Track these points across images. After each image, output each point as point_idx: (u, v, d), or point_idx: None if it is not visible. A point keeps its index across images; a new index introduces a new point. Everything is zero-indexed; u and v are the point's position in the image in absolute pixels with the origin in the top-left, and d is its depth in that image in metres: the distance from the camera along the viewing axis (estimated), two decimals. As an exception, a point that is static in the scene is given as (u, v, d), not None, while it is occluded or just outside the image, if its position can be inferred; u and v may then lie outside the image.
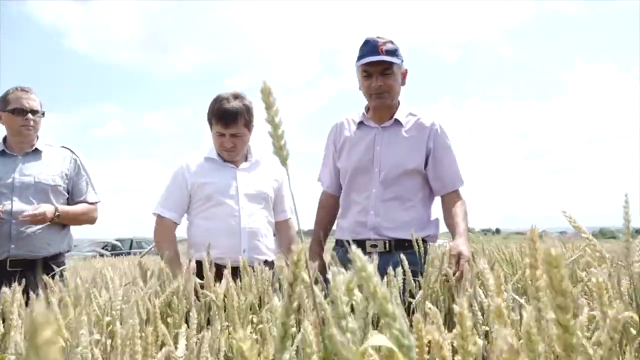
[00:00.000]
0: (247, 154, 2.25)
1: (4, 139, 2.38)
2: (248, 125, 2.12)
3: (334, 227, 2.22)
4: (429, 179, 2.02)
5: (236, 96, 2.09)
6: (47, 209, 2.21)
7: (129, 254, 15.87)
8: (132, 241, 20.58)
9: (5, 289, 1.27)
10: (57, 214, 2.25)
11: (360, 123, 2.09)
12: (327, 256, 2.19)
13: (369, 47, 1.95)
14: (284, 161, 0.46)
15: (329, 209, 2.21)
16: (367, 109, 2.11)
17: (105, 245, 18.35)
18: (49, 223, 2.26)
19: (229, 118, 2.05)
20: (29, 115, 2.30)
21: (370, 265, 0.37)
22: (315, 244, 2.17)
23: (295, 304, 0.42)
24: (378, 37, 1.96)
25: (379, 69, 1.94)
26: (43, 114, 2.39)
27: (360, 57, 1.97)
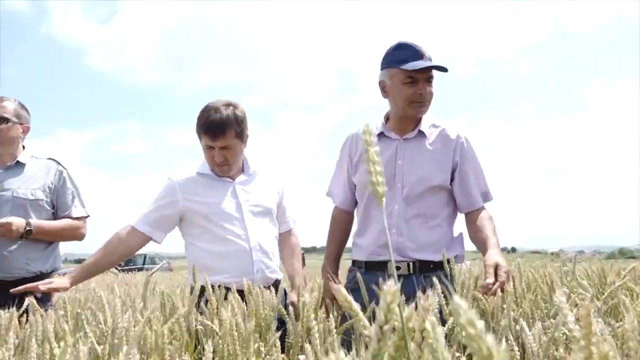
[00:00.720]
0: (244, 166, 2.07)
1: None
2: (240, 136, 1.91)
3: (349, 245, 2.09)
4: (454, 195, 1.88)
5: (227, 105, 1.91)
6: (16, 221, 2.04)
7: (141, 269, 15.86)
8: (145, 256, 20.63)
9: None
10: (28, 229, 2.08)
11: (381, 134, 1.93)
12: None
13: (412, 51, 1.80)
14: (380, 197, 0.48)
15: (342, 225, 2.08)
16: (386, 119, 1.97)
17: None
18: (27, 240, 2.11)
19: (217, 129, 1.85)
20: None
21: (480, 321, 0.27)
22: (330, 263, 2.04)
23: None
24: (413, 43, 1.83)
25: (426, 75, 1.80)
26: (7, 120, 2.19)
27: (402, 62, 1.79)
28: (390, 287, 0.39)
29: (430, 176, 1.84)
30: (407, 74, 1.79)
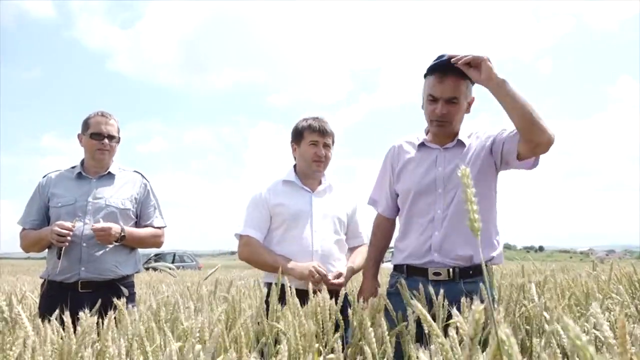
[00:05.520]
0: (321, 178, 2.36)
1: (82, 162, 2.46)
2: (333, 142, 2.33)
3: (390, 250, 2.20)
4: (507, 151, 1.84)
5: (317, 117, 2.31)
6: (114, 227, 2.27)
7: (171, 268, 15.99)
8: (174, 254, 21.00)
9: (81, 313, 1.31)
10: (122, 234, 2.30)
11: (422, 144, 2.05)
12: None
13: (441, 61, 1.83)
14: (476, 232, 0.60)
15: (385, 231, 2.18)
16: (427, 131, 2.07)
17: (150, 259, 18.54)
18: (116, 244, 2.31)
19: (324, 129, 2.27)
20: (105, 140, 2.37)
21: (585, 335, 0.36)
22: (370, 266, 2.16)
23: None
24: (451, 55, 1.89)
25: (447, 96, 1.86)
26: (119, 140, 2.45)
27: (430, 71, 1.88)
28: (478, 306, 0.47)
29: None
30: (429, 91, 1.90)
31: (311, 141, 2.27)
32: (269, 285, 1.77)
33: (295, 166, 2.38)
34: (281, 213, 2.23)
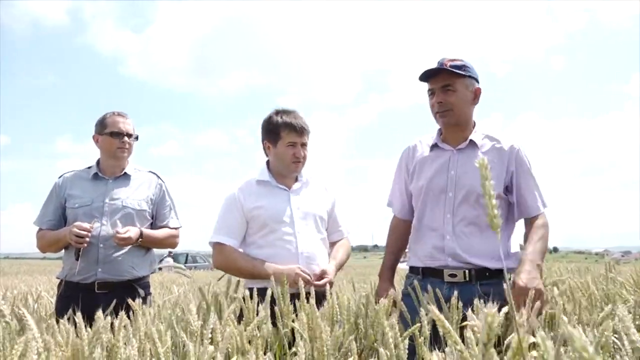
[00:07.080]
0: (298, 174, 2.23)
1: (98, 162, 2.46)
2: (308, 138, 2.17)
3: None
4: (512, 203, 1.92)
5: (292, 111, 2.15)
6: (134, 233, 2.27)
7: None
8: (187, 255, 21.15)
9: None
10: (140, 238, 2.31)
11: (434, 145, 2.03)
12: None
13: (436, 64, 1.91)
14: (495, 227, 0.53)
15: (400, 233, 2.16)
16: (441, 131, 2.05)
17: (162, 260, 18.61)
18: (132, 246, 2.32)
19: (303, 127, 2.12)
20: (125, 138, 2.38)
21: (592, 346, 0.35)
22: (386, 269, 2.14)
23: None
24: (444, 57, 1.92)
25: (440, 85, 1.90)
26: (137, 137, 2.45)
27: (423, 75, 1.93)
28: (490, 309, 0.44)
29: (479, 185, 1.86)
30: (428, 87, 1.95)
31: (289, 142, 2.11)
32: (250, 290, 1.67)
33: (268, 163, 2.23)
34: (260, 216, 2.08)
